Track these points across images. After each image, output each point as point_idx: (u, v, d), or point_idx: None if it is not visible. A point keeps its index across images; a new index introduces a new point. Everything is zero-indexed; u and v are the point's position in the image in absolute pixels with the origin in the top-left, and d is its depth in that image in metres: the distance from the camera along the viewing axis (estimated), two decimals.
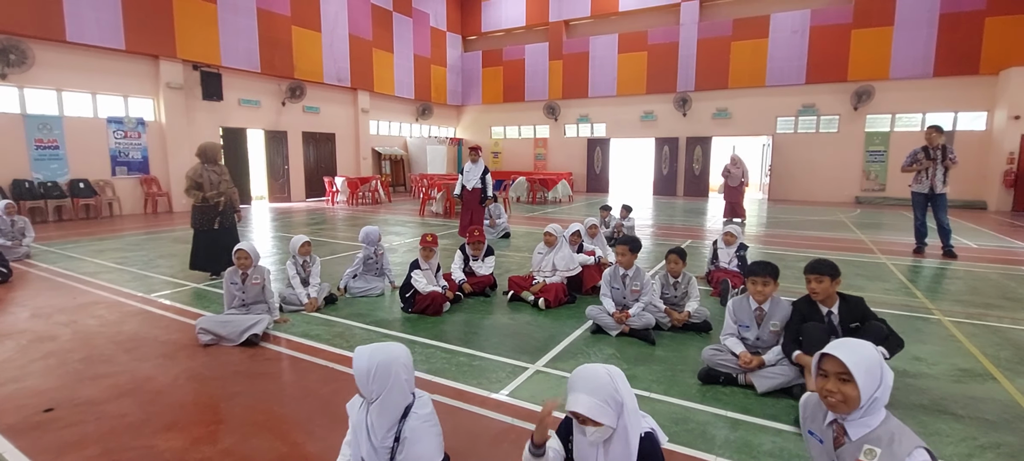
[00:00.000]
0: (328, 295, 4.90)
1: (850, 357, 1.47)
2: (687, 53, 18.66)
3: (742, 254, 5.48)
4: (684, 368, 3.43)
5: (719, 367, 3.15)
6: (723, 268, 5.50)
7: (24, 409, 2.85)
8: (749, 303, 3.21)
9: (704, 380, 3.19)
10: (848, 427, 1.53)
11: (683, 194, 19.36)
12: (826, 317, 2.93)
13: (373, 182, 16.14)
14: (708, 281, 5.67)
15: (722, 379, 3.14)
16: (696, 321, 4.08)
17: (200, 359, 3.59)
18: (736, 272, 5.36)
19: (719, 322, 4.21)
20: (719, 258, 5.63)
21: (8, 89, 10.57)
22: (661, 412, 2.82)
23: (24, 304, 4.95)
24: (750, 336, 3.19)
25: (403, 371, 1.89)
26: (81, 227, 10.20)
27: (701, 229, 10.53)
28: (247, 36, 14.60)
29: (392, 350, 1.92)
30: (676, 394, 3.05)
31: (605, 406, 1.62)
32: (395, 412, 1.89)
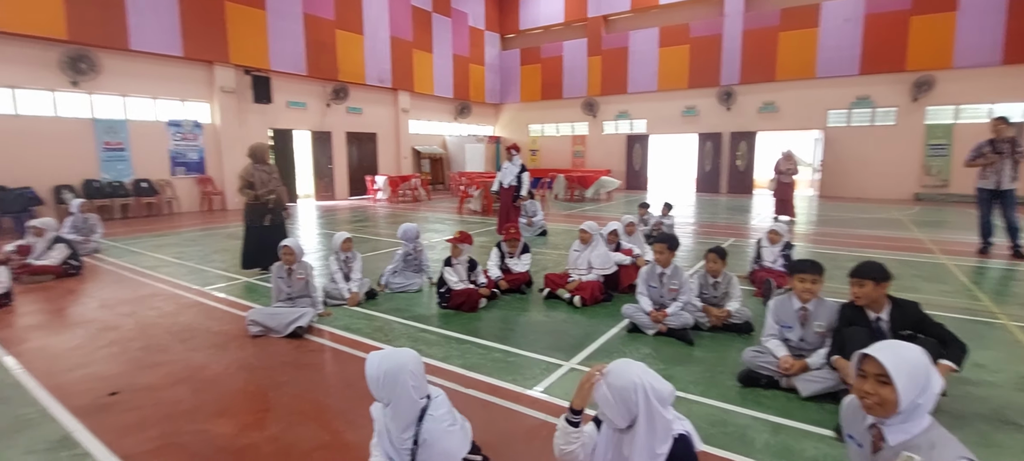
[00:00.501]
0: (369, 290, 5.04)
1: (890, 359, 1.41)
2: (731, 45, 18.07)
3: (788, 253, 5.28)
4: (723, 370, 3.34)
5: (760, 369, 3.06)
6: (767, 267, 5.31)
7: (92, 392, 3.08)
8: (792, 302, 3.09)
9: (744, 382, 3.10)
10: (886, 432, 1.46)
11: (727, 191, 18.79)
12: (874, 323, 2.77)
13: (413, 180, 16.45)
14: (751, 281, 5.49)
15: (763, 382, 3.05)
16: (737, 322, 3.97)
17: (249, 349, 3.78)
18: (781, 272, 5.16)
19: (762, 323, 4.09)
20: (763, 257, 5.44)
21: (80, 96, 11.38)
22: (698, 414, 2.76)
23: (93, 295, 5.34)
24: (793, 337, 3.08)
25: (410, 378, 1.90)
26: (143, 224, 10.88)
27: (745, 227, 10.20)
28: (294, 41, 15.15)
29: (400, 357, 1.94)
30: (715, 396, 2.98)
31: (620, 407, 1.64)
32: (408, 416, 1.93)
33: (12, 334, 4.15)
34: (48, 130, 10.94)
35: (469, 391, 3.05)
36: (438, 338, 3.98)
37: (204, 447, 2.50)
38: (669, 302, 4.01)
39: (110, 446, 2.50)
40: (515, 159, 8.42)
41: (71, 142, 11.27)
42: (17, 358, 3.63)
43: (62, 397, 3.02)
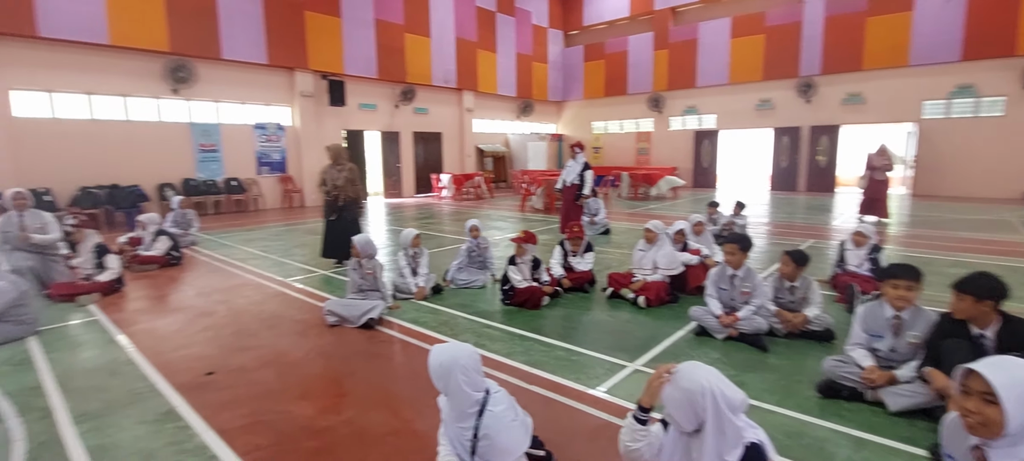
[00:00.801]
0: (435, 285, 5.21)
1: (998, 377, 1.28)
2: (812, 33, 16.91)
3: (876, 257, 4.89)
4: (801, 379, 3.16)
5: (842, 380, 2.86)
6: (851, 271, 4.95)
7: (191, 371, 3.41)
8: (884, 310, 2.87)
9: (824, 393, 2.92)
10: (991, 455, 1.33)
11: (805, 189, 17.63)
12: (977, 339, 2.49)
13: (476, 178, 16.73)
14: (833, 286, 5.13)
15: (846, 393, 2.85)
16: (816, 328, 3.73)
17: (326, 338, 4.02)
18: (867, 276, 4.79)
19: (844, 331, 3.83)
20: (847, 261, 5.08)
21: (179, 103, 12.55)
22: (772, 424, 2.63)
23: (191, 284, 5.88)
24: (882, 347, 2.86)
25: (461, 374, 1.93)
26: (233, 219, 11.83)
27: (826, 228, 9.53)
28: (366, 46, 15.87)
29: (455, 352, 1.97)
30: (791, 406, 2.83)
31: (688, 410, 1.60)
32: (463, 408, 1.96)
33: (124, 316, 4.67)
34: (153, 134, 12.15)
35: (532, 387, 3.08)
36: (501, 334, 4.04)
37: (288, 426, 2.70)
38: (741, 305, 3.84)
39: (208, 421, 2.75)
40: (578, 157, 8.36)
41: (172, 144, 12.46)
42: (129, 338, 4.08)
43: (167, 374, 3.36)
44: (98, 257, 5.55)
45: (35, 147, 10.49)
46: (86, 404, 2.98)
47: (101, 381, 3.29)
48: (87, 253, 5.59)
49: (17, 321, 4.08)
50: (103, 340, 4.05)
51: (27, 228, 5.40)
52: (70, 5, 10.48)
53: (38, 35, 10.20)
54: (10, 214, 5.42)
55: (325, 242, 6.58)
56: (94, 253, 5.56)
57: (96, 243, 5.63)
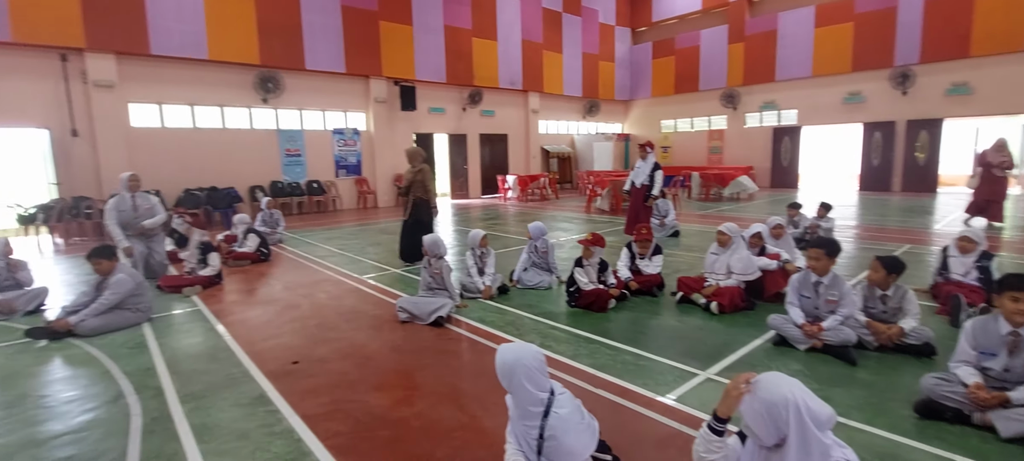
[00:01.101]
0: (501, 285, 5.28)
1: None
2: (909, 18, 15.42)
3: (986, 265, 4.39)
4: (894, 396, 2.90)
5: (945, 400, 2.60)
6: (956, 280, 4.47)
7: (279, 360, 3.68)
8: (999, 325, 2.57)
9: (923, 413, 2.66)
10: None
11: (901, 189, 16.12)
12: None
13: (541, 180, 16.77)
14: (934, 296, 4.67)
15: (948, 415, 2.59)
16: (914, 342, 3.42)
17: (399, 333, 4.20)
18: (974, 286, 4.31)
19: (946, 346, 3.48)
20: (950, 268, 4.60)
21: (267, 111, 13.57)
22: (861, 443, 2.44)
23: (278, 279, 6.35)
24: (995, 367, 2.57)
25: (524, 372, 1.93)
26: (314, 219, 12.62)
27: (925, 232, 8.67)
28: (436, 51, 16.38)
29: (520, 352, 1.98)
30: (883, 425, 2.61)
31: (768, 423, 1.52)
32: (527, 407, 1.97)
33: (222, 307, 5.13)
34: (245, 140, 13.23)
35: (598, 391, 3.06)
36: (567, 336, 4.03)
37: (364, 416, 2.85)
38: (826, 315, 3.59)
39: (293, 407, 2.97)
40: (648, 157, 8.16)
41: (261, 150, 13.50)
42: (226, 327, 4.48)
43: (258, 362, 3.65)
44: (202, 253, 6.13)
45: (148, 154, 11.75)
46: (190, 385, 3.30)
47: (203, 365, 3.64)
48: (194, 249, 6.18)
49: (135, 309, 4.60)
50: (204, 328, 4.48)
51: (139, 208, 6.12)
52: (176, 25, 11.64)
53: (150, 53, 11.42)
54: (123, 195, 6.11)
55: (400, 244, 6.89)
56: (199, 249, 6.14)
57: (202, 241, 6.21)
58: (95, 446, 2.60)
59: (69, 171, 10.91)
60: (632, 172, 8.53)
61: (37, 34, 10.17)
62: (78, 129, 10.90)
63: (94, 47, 10.77)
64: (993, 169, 8.66)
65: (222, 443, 2.60)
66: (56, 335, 4.23)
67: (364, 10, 14.56)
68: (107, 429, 2.79)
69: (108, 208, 5.99)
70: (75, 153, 10.95)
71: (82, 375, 3.55)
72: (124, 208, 6.04)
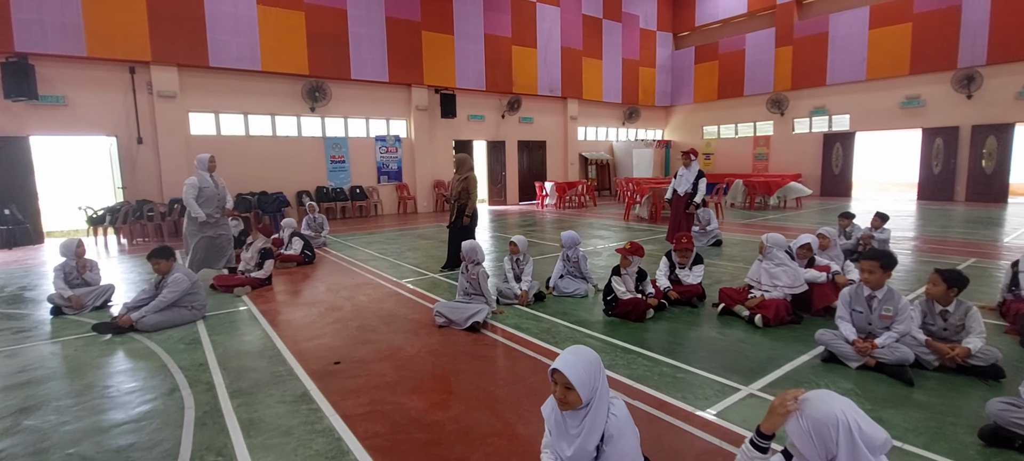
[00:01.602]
0: (537, 292, 5.28)
1: None
2: (975, 17, 14.50)
3: None
4: (956, 420, 2.72)
5: (1015, 427, 2.41)
6: None
7: (321, 360, 3.80)
8: None
9: (989, 440, 2.48)
10: None
11: (965, 199, 15.12)
12: None
13: (579, 186, 16.67)
14: (1002, 314, 4.35)
15: (1018, 443, 2.40)
16: (980, 363, 3.19)
17: (436, 337, 4.26)
18: None
19: (1016, 368, 3.24)
20: (1021, 284, 4.27)
21: (314, 120, 14.11)
22: None
23: (322, 281, 6.56)
24: None
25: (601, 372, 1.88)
26: (357, 223, 12.99)
27: (993, 245, 8.10)
28: (476, 59, 16.61)
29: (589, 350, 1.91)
30: (943, 451, 2.45)
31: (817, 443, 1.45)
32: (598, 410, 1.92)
33: (269, 307, 5.34)
34: (294, 147, 13.79)
35: (635, 403, 3.00)
36: (603, 345, 3.99)
37: (401, 418, 2.91)
38: (879, 331, 3.41)
39: (334, 406, 3.06)
40: (693, 165, 7.99)
41: (308, 156, 14.03)
42: (273, 326, 4.67)
43: (302, 361, 3.79)
44: (261, 258, 6.40)
45: None
46: (239, 382, 3.46)
47: (251, 363, 3.80)
48: (254, 253, 6.44)
49: (190, 307, 4.85)
50: (253, 327, 4.68)
51: (219, 185, 6.73)
52: (233, 39, 12.28)
53: (209, 66, 12.08)
54: (203, 174, 6.62)
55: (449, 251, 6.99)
56: (259, 254, 6.41)
57: (262, 248, 6.48)
58: (152, 435, 2.76)
59: (134, 176, 11.66)
60: (674, 180, 8.37)
61: (109, 49, 10.95)
62: (143, 137, 11.64)
63: (159, 60, 11.50)
64: None
65: (267, 438, 2.71)
66: (119, 330, 4.51)
67: (407, 21, 14.94)
68: (163, 420, 2.95)
69: (188, 186, 6.44)
70: (140, 159, 11.70)
71: (142, 368, 3.77)
72: (207, 185, 6.54)
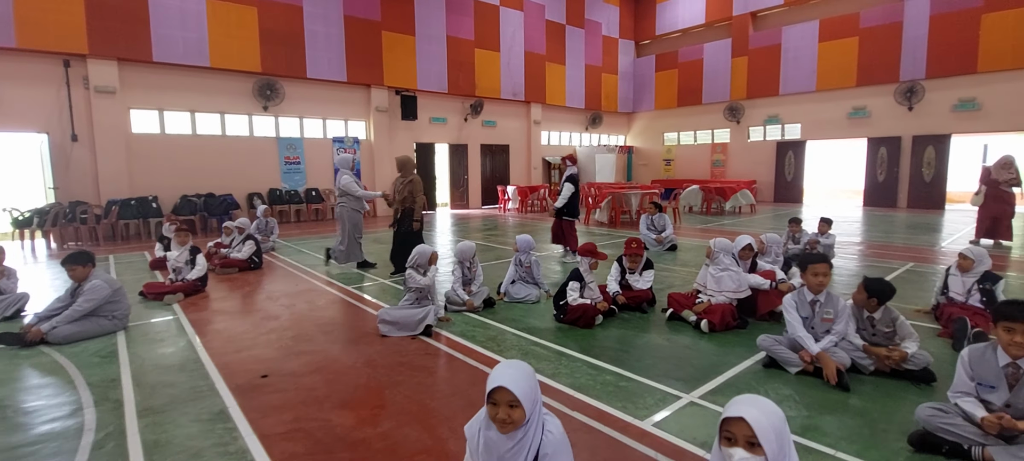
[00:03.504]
0: (487, 298, 5.14)
1: None
2: (915, 34, 15.29)
3: (990, 288, 4.19)
4: (889, 426, 2.73)
5: (942, 433, 2.43)
6: (958, 302, 4.29)
7: (248, 373, 3.55)
8: (997, 357, 2.40)
9: (918, 446, 2.49)
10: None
11: (907, 205, 15.88)
12: None
13: (541, 190, 16.65)
14: (936, 317, 4.49)
15: (945, 448, 2.41)
16: (912, 368, 3.23)
17: (376, 347, 4.06)
18: (978, 309, 4.13)
19: (947, 372, 3.30)
20: (950, 287, 4.41)
21: (267, 119, 13.59)
22: None
23: (263, 288, 6.24)
24: (995, 401, 2.39)
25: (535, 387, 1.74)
26: (311, 227, 12.55)
27: (931, 249, 8.46)
28: (438, 62, 16.39)
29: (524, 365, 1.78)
30: (875, 458, 2.44)
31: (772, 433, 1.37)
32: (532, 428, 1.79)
33: (200, 316, 5.01)
34: (245, 147, 13.23)
35: (573, 414, 2.90)
36: (549, 353, 3.88)
37: (325, 436, 2.71)
38: (821, 334, 3.42)
39: (253, 425, 2.83)
40: (568, 170, 7.86)
41: (261, 157, 13.49)
42: (201, 337, 4.36)
43: (226, 375, 3.53)
44: (191, 255, 6.01)
45: (147, 159, 11.76)
46: (153, 399, 3.18)
47: (170, 377, 3.51)
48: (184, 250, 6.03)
49: (111, 317, 4.49)
50: (179, 338, 4.36)
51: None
52: (179, 33, 11.69)
53: (153, 61, 11.46)
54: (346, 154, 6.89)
55: (391, 251, 6.81)
56: (189, 251, 6.02)
57: (192, 246, 6.10)
58: None
59: (67, 176, 10.92)
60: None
61: (41, 40, 10.24)
62: (78, 134, 10.92)
63: (97, 54, 10.83)
64: (999, 186, 8.44)
65: None
66: (28, 342, 4.12)
67: (366, 20, 14.60)
68: (60, 443, 2.66)
69: (349, 180, 7.09)
70: (74, 158, 10.96)
71: (48, 385, 3.43)
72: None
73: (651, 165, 23.04)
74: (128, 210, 10.79)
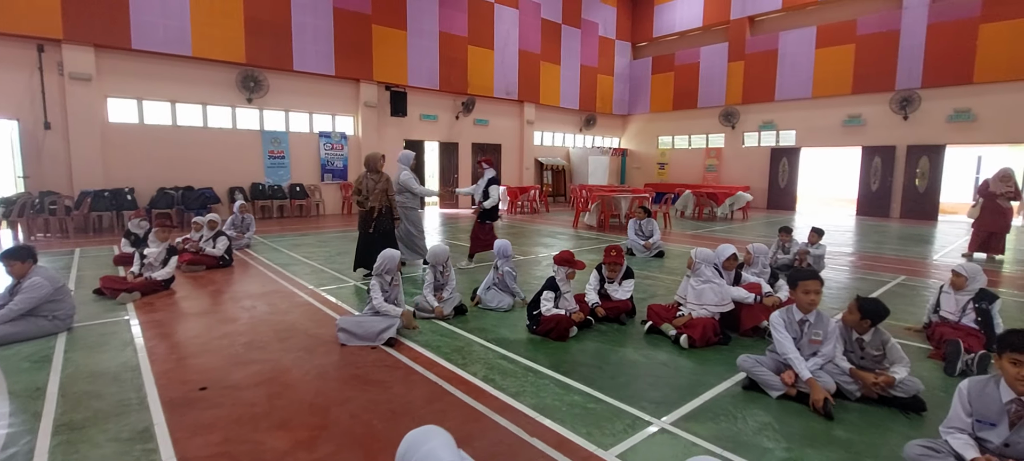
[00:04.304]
0: (458, 305, 4.88)
1: None
2: (912, 43, 15.14)
3: (985, 307, 3.96)
4: (876, 459, 2.49)
5: None
6: (950, 322, 4.06)
7: (187, 385, 3.27)
8: (999, 391, 2.16)
9: None
10: None
11: (900, 215, 15.73)
12: None
13: (531, 192, 16.40)
14: (928, 337, 4.26)
15: None
16: (901, 395, 3.00)
17: (333, 357, 3.79)
18: (972, 329, 3.90)
19: (938, 399, 3.07)
20: (942, 305, 4.19)
21: (251, 111, 13.25)
22: None
23: (227, 289, 5.94)
24: (993, 439, 2.15)
25: None
26: (293, 223, 12.23)
27: (923, 262, 8.26)
28: (430, 57, 16.09)
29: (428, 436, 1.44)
30: None
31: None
32: None
33: (154, 318, 4.72)
34: (227, 140, 12.89)
35: (532, 441, 2.64)
36: (516, 368, 3.62)
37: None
38: (808, 357, 3.19)
39: (177, 446, 2.56)
40: (486, 173, 7.36)
41: (244, 150, 13.16)
42: (147, 341, 4.07)
43: (163, 386, 3.25)
44: (167, 256, 5.71)
45: (123, 149, 11.41)
46: (75, 412, 2.90)
47: (100, 387, 3.23)
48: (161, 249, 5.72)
49: (51, 317, 4.19)
50: (123, 342, 4.07)
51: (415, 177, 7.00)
52: (160, 20, 11.35)
53: (131, 48, 11.11)
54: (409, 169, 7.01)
55: (357, 253, 6.43)
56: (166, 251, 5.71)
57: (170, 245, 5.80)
58: None
59: (39, 165, 10.56)
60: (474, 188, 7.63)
61: (13, 24, 9.88)
62: (51, 122, 10.57)
63: (72, 39, 10.48)
64: (997, 199, 8.25)
65: None
66: None
67: (357, 13, 14.30)
68: None
69: (407, 177, 6.95)
70: (47, 146, 10.61)
71: None
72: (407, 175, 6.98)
73: (645, 168, 22.84)
74: (101, 202, 10.44)
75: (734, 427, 2.80)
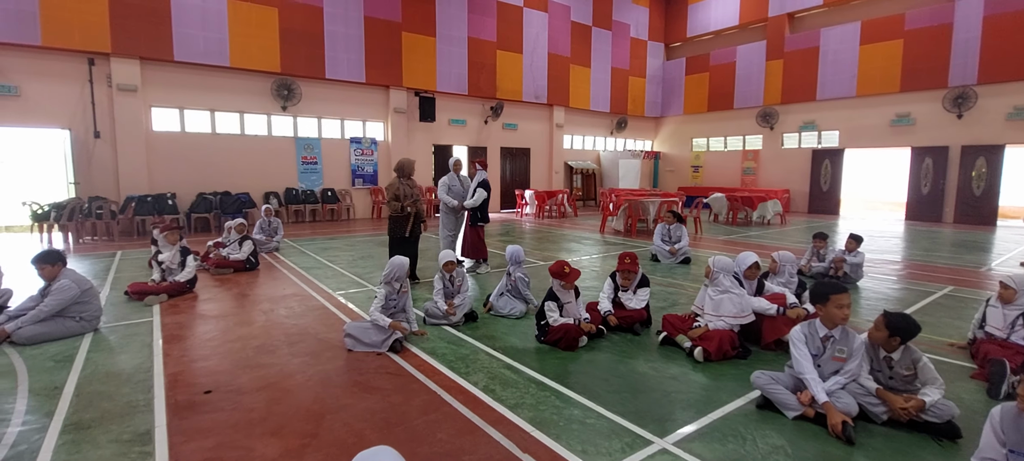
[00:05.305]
0: (469, 311, 4.81)
1: None
2: (967, 36, 14.18)
3: None
4: None
5: None
6: (997, 339, 3.71)
7: (193, 388, 3.33)
8: None
9: None
10: None
11: (954, 220, 14.73)
12: None
13: (560, 196, 16.24)
14: (972, 355, 3.91)
15: None
16: (933, 420, 2.73)
17: (338, 362, 3.80)
18: (1021, 346, 3.55)
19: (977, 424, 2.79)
20: (988, 319, 3.83)
21: (286, 119, 13.66)
22: None
23: (249, 291, 6.09)
24: None
25: None
26: (324, 227, 12.51)
27: (975, 272, 7.67)
28: (458, 63, 16.21)
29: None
30: None
31: None
32: None
33: (175, 320, 4.87)
34: (263, 147, 13.33)
35: (523, 456, 2.54)
36: (520, 378, 3.52)
37: None
38: (828, 375, 2.96)
39: (172, 450, 2.59)
40: (478, 174, 7.27)
41: (278, 157, 13.58)
42: (165, 344, 4.19)
43: (171, 388, 3.32)
44: (182, 257, 5.92)
45: (166, 157, 11.95)
46: (84, 412, 2.99)
47: (113, 388, 3.33)
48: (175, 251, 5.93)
49: (79, 318, 4.38)
50: (143, 344, 4.20)
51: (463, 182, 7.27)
52: (201, 33, 11.85)
53: (174, 60, 11.65)
54: (452, 175, 7.22)
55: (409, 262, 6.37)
56: (180, 253, 5.93)
57: (182, 247, 6.01)
58: None
59: (89, 172, 11.19)
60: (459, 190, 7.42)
61: (66, 39, 10.52)
62: (100, 131, 11.18)
63: (119, 52, 11.06)
64: None
65: None
66: None
67: (387, 21, 14.55)
68: None
69: (441, 183, 7.17)
70: (96, 154, 11.23)
71: None
72: (454, 185, 7.18)
73: (679, 171, 22.28)
74: (144, 206, 10.96)
75: (742, 449, 2.62)
